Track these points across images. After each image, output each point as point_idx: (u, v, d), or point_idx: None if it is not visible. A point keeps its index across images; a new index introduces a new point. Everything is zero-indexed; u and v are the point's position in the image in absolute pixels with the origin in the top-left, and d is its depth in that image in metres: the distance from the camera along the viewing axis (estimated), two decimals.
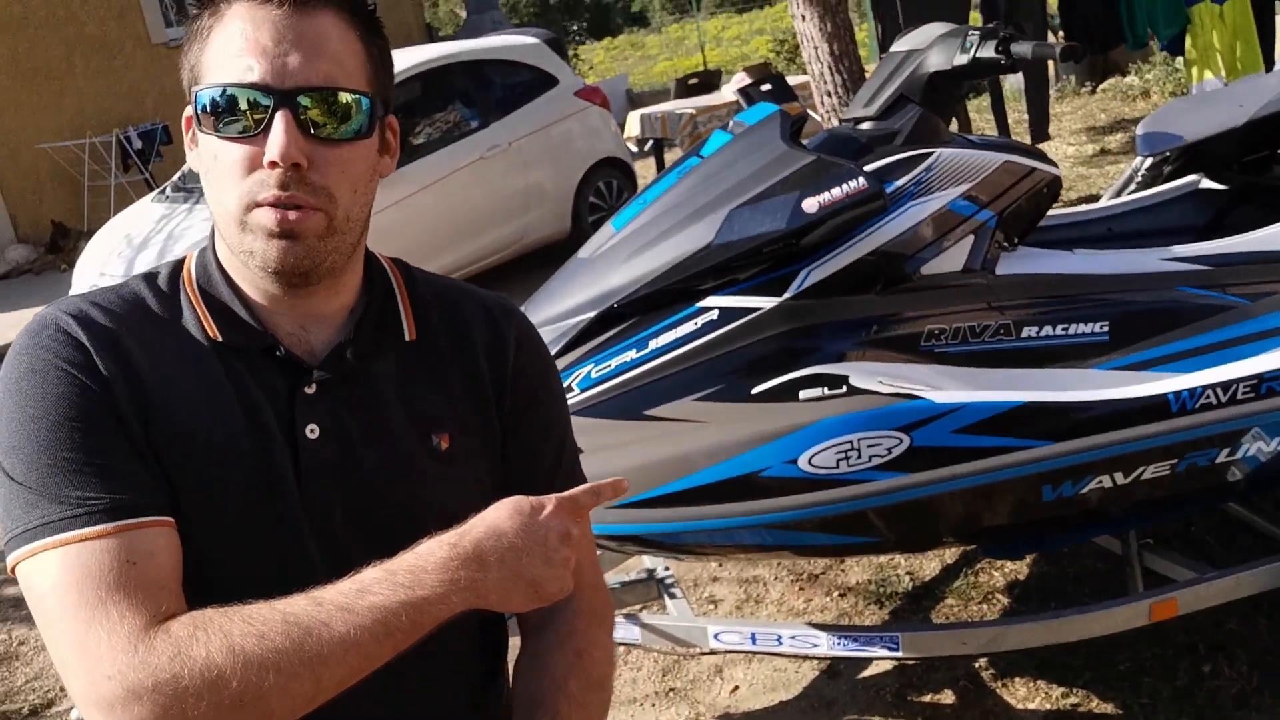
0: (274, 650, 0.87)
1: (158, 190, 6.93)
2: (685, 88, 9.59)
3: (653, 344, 2.08)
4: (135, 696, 0.85)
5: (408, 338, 1.11)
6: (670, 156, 8.60)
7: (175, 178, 6.85)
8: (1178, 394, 2.07)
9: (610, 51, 28.13)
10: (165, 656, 0.86)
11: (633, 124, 8.43)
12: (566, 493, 1.00)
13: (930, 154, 2.15)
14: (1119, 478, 2.11)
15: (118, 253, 6.11)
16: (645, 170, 8.84)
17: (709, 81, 9.79)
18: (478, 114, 6.96)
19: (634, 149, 8.35)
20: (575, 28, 33.56)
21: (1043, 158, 2.27)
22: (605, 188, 7.53)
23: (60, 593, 0.90)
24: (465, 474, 1.11)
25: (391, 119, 1.08)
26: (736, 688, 2.70)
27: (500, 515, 0.96)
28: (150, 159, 10.88)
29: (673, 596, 2.53)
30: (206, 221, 5.87)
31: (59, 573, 0.90)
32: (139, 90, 11.64)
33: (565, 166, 7.26)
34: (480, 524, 0.95)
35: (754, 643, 2.32)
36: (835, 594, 3.01)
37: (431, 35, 18.13)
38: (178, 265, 1.10)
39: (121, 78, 11.54)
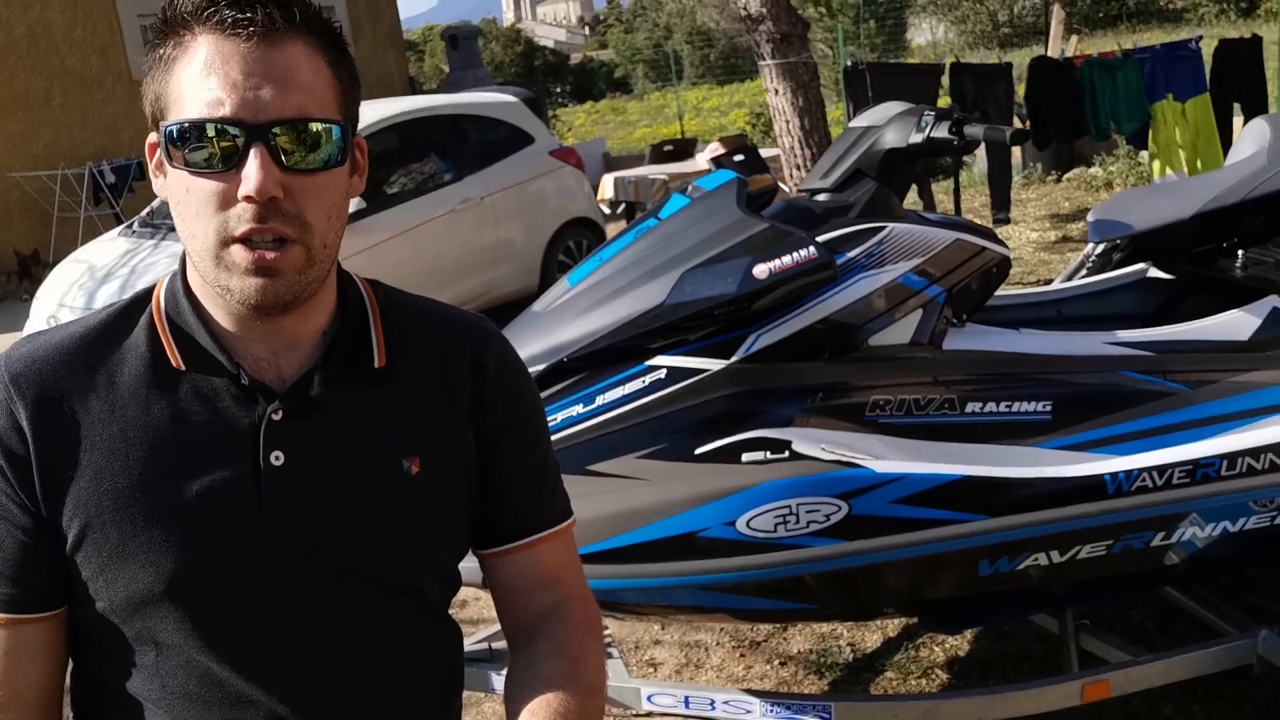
0: None
1: (124, 225, 6.91)
2: (660, 153, 9.71)
3: (600, 399, 2.09)
4: None
5: (377, 364, 1.10)
6: None
7: (144, 213, 6.83)
8: (1114, 475, 2.10)
9: (591, 115, 28.47)
10: None
11: (606, 186, 8.51)
12: None
13: (883, 228, 2.19)
14: (1055, 556, 2.12)
15: (80, 284, 6.08)
16: (616, 232, 8.89)
17: (684, 149, 9.93)
18: (452, 167, 7.01)
19: (606, 211, 8.42)
20: (559, 90, 33.99)
21: (993, 238, 2.31)
22: (575, 247, 7.57)
23: None
24: (436, 497, 1.10)
25: (359, 139, 1.07)
26: None
27: None
28: (122, 194, 10.86)
29: (609, 656, 2.51)
30: (172, 258, 5.93)
31: None
32: (116, 125, 11.65)
33: (536, 224, 7.31)
34: None
35: (687, 706, 2.30)
36: (776, 662, 2.99)
37: (414, 88, 18.32)
38: (145, 294, 1.08)
39: (100, 112, 11.56)
